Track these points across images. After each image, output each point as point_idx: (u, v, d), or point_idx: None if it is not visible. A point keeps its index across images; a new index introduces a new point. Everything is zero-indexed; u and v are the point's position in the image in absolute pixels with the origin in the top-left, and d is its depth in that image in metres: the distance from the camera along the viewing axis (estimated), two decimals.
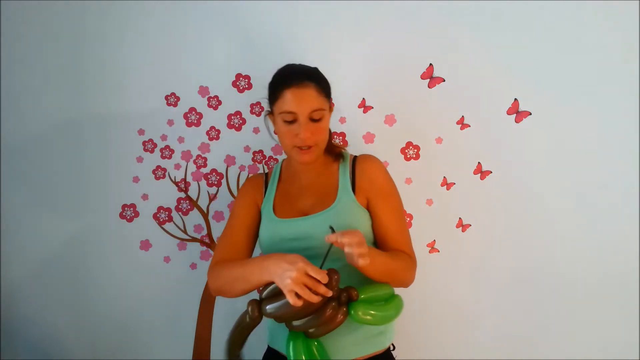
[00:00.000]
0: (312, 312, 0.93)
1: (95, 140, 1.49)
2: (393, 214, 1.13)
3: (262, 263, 0.97)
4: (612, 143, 1.43)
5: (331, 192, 1.13)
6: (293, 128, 1.07)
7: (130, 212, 1.52)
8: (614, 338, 1.50)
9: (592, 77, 1.41)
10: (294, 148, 1.09)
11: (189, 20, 1.44)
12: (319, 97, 1.07)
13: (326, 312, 0.93)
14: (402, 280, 1.11)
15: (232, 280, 1.05)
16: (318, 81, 1.09)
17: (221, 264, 1.10)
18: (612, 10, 1.38)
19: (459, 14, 1.40)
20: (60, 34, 1.45)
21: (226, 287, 1.07)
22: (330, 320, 0.94)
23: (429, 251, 1.51)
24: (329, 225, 0.97)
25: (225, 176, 1.52)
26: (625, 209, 1.45)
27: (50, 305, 1.56)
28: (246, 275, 1.01)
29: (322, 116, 1.08)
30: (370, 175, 1.14)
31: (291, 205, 1.15)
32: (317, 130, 1.08)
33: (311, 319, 0.94)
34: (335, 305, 0.94)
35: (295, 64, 1.15)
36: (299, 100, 1.05)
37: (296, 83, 1.06)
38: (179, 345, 1.56)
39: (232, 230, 1.17)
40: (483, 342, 1.54)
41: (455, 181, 1.48)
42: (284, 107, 1.06)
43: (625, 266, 1.47)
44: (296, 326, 0.97)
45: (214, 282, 1.10)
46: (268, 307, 0.95)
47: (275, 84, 1.11)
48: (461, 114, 1.45)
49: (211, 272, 1.12)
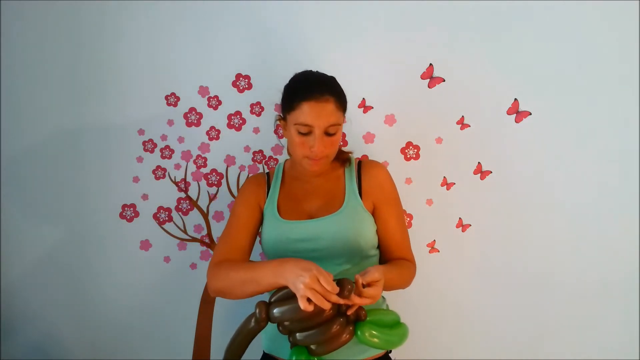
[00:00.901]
0: (319, 324, 0.93)
1: (95, 140, 1.49)
2: (398, 221, 1.17)
3: (277, 267, 0.96)
4: (612, 143, 1.43)
5: (338, 196, 1.14)
6: (307, 140, 1.06)
7: (130, 212, 1.52)
8: (614, 338, 1.50)
9: (592, 77, 1.41)
10: (304, 158, 1.09)
11: (189, 20, 1.44)
12: (336, 112, 1.06)
13: (332, 327, 0.93)
14: (404, 286, 1.17)
15: (241, 282, 1.03)
16: (337, 95, 1.08)
17: (225, 265, 1.08)
18: (612, 10, 1.38)
19: (459, 14, 1.41)
20: (60, 34, 1.45)
21: (231, 289, 1.05)
22: (336, 337, 0.93)
23: (429, 251, 1.51)
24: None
25: (225, 176, 1.52)
26: (625, 209, 1.45)
27: (50, 305, 1.56)
28: (257, 278, 0.99)
29: (337, 130, 1.08)
30: (379, 181, 1.16)
31: (296, 206, 1.15)
32: (330, 143, 1.08)
33: (316, 333, 0.93)
34: (343, 322, 0.94)
35: (314, 72, 1.13)
36: (317, 114, 1.04)
37: (316, 97, 1.04)
38: (179, 345, 1.56)
39: (233, 229, 1.16)
40: (483, 342, 1.54)
41: (455, 181, 1.48)
42: (300, 119, 1.05)
43: (625, 266, 1.47)
44: (300, 340, 0.95)
45: (216, 282, 1.08)
46: (276, 310, 0.94)
47: (293, 93, 1.08)
48: (461, 114, 1.45)
49: (212, 272, 1.09)
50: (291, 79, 1.13)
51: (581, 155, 1.44)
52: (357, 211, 1.12)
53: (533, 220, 1.47)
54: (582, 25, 1.39)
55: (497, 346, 1.53)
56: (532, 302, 1.51)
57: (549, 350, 1.52)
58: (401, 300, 1.35)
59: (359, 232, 1.10)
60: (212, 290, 1.11)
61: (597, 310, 1.49)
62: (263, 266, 1.00)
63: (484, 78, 1.43)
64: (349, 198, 1.13)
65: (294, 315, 0.91)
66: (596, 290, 1.48)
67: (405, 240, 1.18)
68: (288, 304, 0.92)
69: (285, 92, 1.12)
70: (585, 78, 1.41)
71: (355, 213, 1.11)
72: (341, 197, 1.14)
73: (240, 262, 1.09)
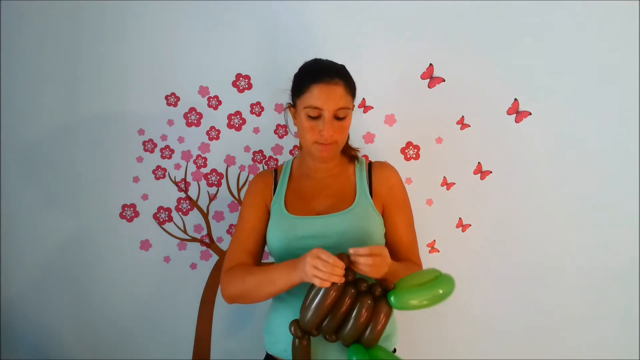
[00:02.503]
0: (350, 310, 0.92)
1: (95, 140, 1.49)
2: (407, 224, 1.17)
3: (289, 264, 0.99)
4: (612, 143, 1.43)
5: (348, 194, 1.14)
6: (316, 124, 1.06)
7: (130, 212, 1.52)
8: (614, 338, 1.50)
9: (592, 77, 1.41)
10: (314, 144, 1.09)
11: (189, 20, 1.44)
12: (345, 96, 1.07)
13: (363, 307, 0.92)
14: None
15: (257, 285, 1.03)
16: (347, 79, 1.08)
17: (239, 270, 1.08)
18: (612, 10, 1.38)
19: (459, 14, 1.41)
20: (60, 34, 1.45)
21: (248, 293, 1.05)
22: (375, 315, 0.92)
23: (429, 251, 1.51)
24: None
25: (225, 176, 1.52)
26: (625, 209, 1.45)
27: (51, 306, 1.56)
28: (273, 278, 1.00)
29: (346, 115, 1.08)
30: (390, 183, 1.16)
31: (304, 203, 1.14)
32: (340, 128, 1.08)
33: (354, 318, 0.92)
34: (369, 303, 0.93)
35: (324, 60, 1.13)
36: (326, 96, 1.04)
37: (325, 79, 1.04)
38: (179, 345, 1.56)
39: (242, 234, 1.15)
40: (483, 342, 1.54)
41: (455, 181, 1.48)
42: (310, 102, 1.05)
43: (626, 266, 1.47)
44: (345, 335, 0.94)
45: (232, 288, 1.07)
46: (303, 314, 0.94)
47: (303, 77, 1.09)
48: (461, 114, 1.45)
49: (226, 278, 1.09)
50: (301, 67, 1.13)
51: (581, 155, 1.44)
52: (368, 211, 1.11)
53: (533, 220, 1.47)
54: (583, 25, 1.39)
55: (497, 345, 1.53)
56: (532, 302, 1.51)
57: (549, 350, 1.52)
58: None
59: (368, 231, 1.09)
60: (227, 297, 1.10)
61: (597, 310, 1.49)
62: (277, 266, 1.02)
63: (484, 78, 1.43)
64: (359, 197, 1.12)
65: (320, 303, 0.92)
66: (596, 290, 1.48)
67: (414, 244, 1.17)
68: (311, 302, 0.93)
69: (294, 79, 1.13)
70: (585, 78, 1.41)
71: (366, 212, 1.11)
72: (351, 195, 1.13)
73: (254, 266, 1.10)
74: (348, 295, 0.92)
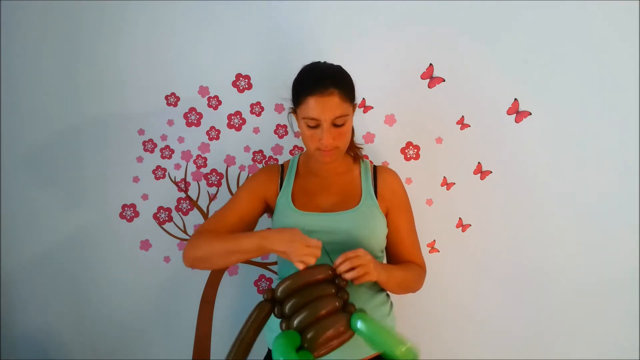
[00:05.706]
0: (317, 301, 0.94)
1: (95, 140, 1.49)
2: (409, 227, 1.21)
3: (263, 237, 1.02)
4: (612, 143, 1.43)
5: (354, 194, 1.17)
6: (316, 132, 1.09)
7: (130, 212, 1.52)
8: (614, 338, 1.50)
9: (592, 76, 1.41)
10: (316, 150, 1.11)
11: (189, 20, 1.44)
12: (342, 104, 1.07)
13: (326, 306, 0.93)
14: (414, 289, 1.20)
15: (224, 251, 1.06)
16: (342, 86, 1.08)
17: (209, 234, 1.11)
18: (612, 10, 1.38)
19: (459, 14, 1.41)
20: (60, 34, 1.45)
21: (211, 257, 1.08)
22: (332, 319, 0.92)
23: (429, 251, 1.51)
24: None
25: (225, 176, 1.52)
26: (625, 209, 1.45)
27: (50, 306, 1.56)
28: (243, 247, 1.04)
29: (345, 121, 1.09)
30: (394, 187, 1.20)
31: (310, 200, 1.16)
32: (340, 134, 1.10)
33: (313, 308, 0.92)
34: (337, 305, 0.94)
35: (320, 64, 1.14)
36: (322, 108, 1.05)
37: (320, 91, 1.05)
38: (179, 345, 1.56)
39: (228, 211, 1.18)
40: (483, 342, 1.54)
41: (455, 181, 1.48)
42: (307, 114, 1.07)
43: (626, 266, 1.47)
44: (301, 318, 0.93)
45: (197, 250, 1.10)
46: (280, 288, 0.96)
47: (299, 88, 1.10)
48: (461, 114, 1.45)
49: (193, 240, 1.11)
50: (299, 73, 1.14)
51: (581, 155, 1.44)
52: (373, 211, 1.14)
53: (533, 220, 1.47)
54: (582, 25, 1.39)
55: (497, 345, 1.53)
56: (532, 302, 1.51)
57: (549, 350, 1.52)
58: (402, 299, 1.35)
59: (372, 231, 1.13)
60: (188, 258, 1.12)
61: (597, 310, 1.49)
62: (248, 236, 1.06)
63: (484, 78, 1.43)
64: (365, 197, 1.16)
65: (296, 281, 0.95)
66: (596, 290, 1.48)
67: (416, 246, 1.22)
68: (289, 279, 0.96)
69: (293, 87, 1.14)
70: (585, 78, 1.41)
71: (371, 213, 1.14)
72: (357, 195, 1.16)
73: (223, 233, 1.12)
74: (327, 288, 0.96)
